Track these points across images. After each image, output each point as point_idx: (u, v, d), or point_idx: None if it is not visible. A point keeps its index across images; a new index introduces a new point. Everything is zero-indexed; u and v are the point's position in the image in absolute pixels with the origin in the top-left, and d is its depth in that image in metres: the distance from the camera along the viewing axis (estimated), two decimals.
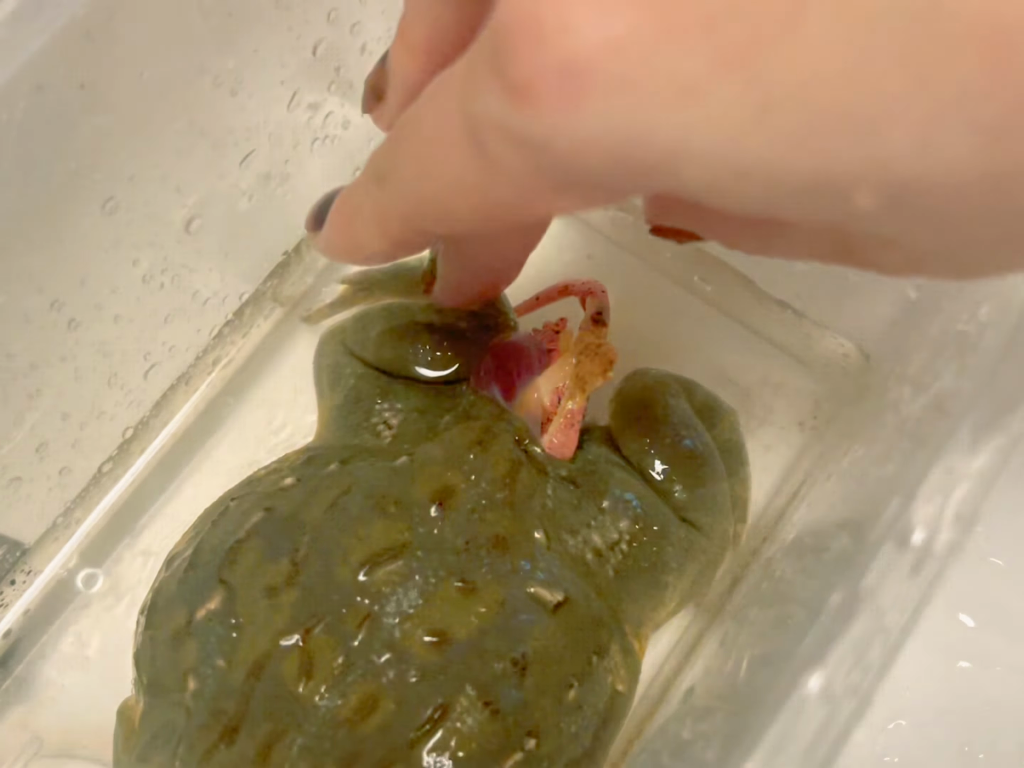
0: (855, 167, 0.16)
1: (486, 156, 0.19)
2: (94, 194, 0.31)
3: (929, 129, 0.15)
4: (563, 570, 0.34)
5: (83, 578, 0.41)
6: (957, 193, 0.16)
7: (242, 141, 0.35)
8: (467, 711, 0.30)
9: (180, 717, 0.31)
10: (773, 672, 0.23)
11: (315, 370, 0.40)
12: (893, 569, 0.22)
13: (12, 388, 0.32)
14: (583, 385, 0.35)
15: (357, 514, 0.33)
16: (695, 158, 0.16)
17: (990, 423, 0.23)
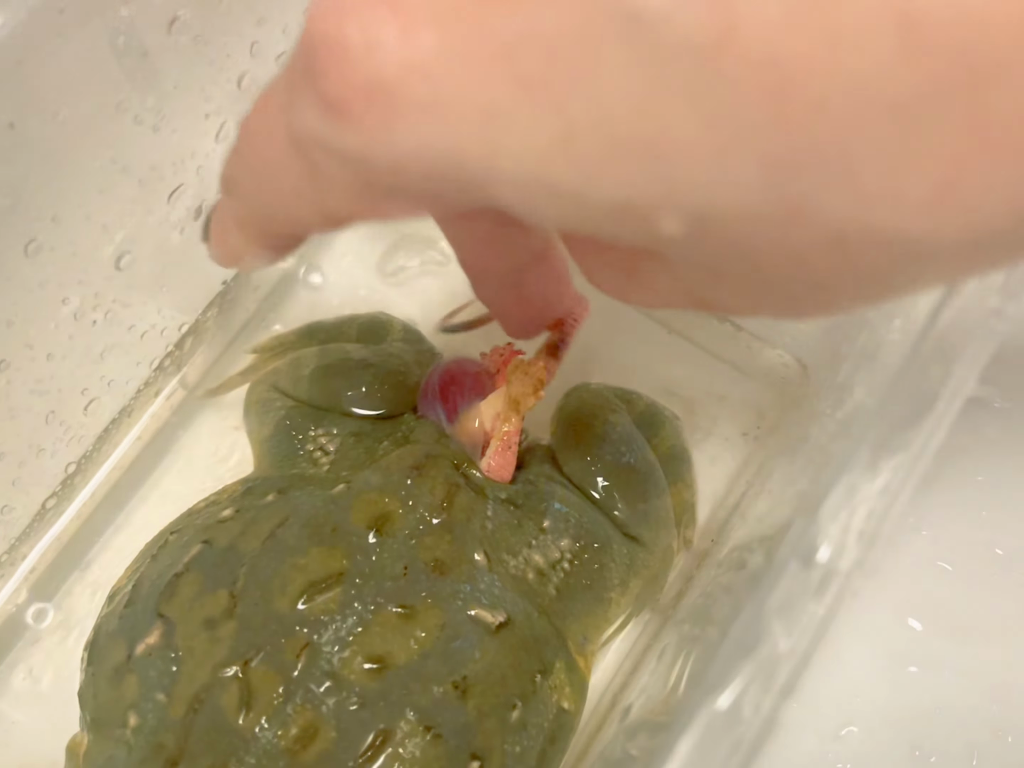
0: (653, 195, 0.16)
1: (313, 168, 0.19)
2: (16, 236, 0.31)
3: (719, 163, 0.15)
4: (504, 591, 0.34)
5: (33, 613, 0.41)
6: (754, 223, 0.16)
7: (169, 176, 0.35)
8: (408, 736, 0.31)
9: (122, 753, 0.31)
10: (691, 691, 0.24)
11: (244, 411, 0.41)
12: (798, 587, 0.22)
13: None
14: (516, 406, 0.35)
15: (294, 544, 0.33)
16: (506, 178, 0.17)
17: (889, 442, 0.23)
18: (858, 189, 0.15)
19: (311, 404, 0.39)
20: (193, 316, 0.42)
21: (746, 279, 0.19)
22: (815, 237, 0.16)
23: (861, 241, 0.16)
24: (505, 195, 0.17)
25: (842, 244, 0.16)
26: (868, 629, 0.40)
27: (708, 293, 0.21)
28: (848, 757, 0.39)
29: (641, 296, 0.23)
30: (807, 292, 0.19)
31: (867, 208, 0.16)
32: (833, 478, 0.23)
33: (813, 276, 0.18)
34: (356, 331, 0.42)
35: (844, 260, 0.17)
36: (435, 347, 0.41)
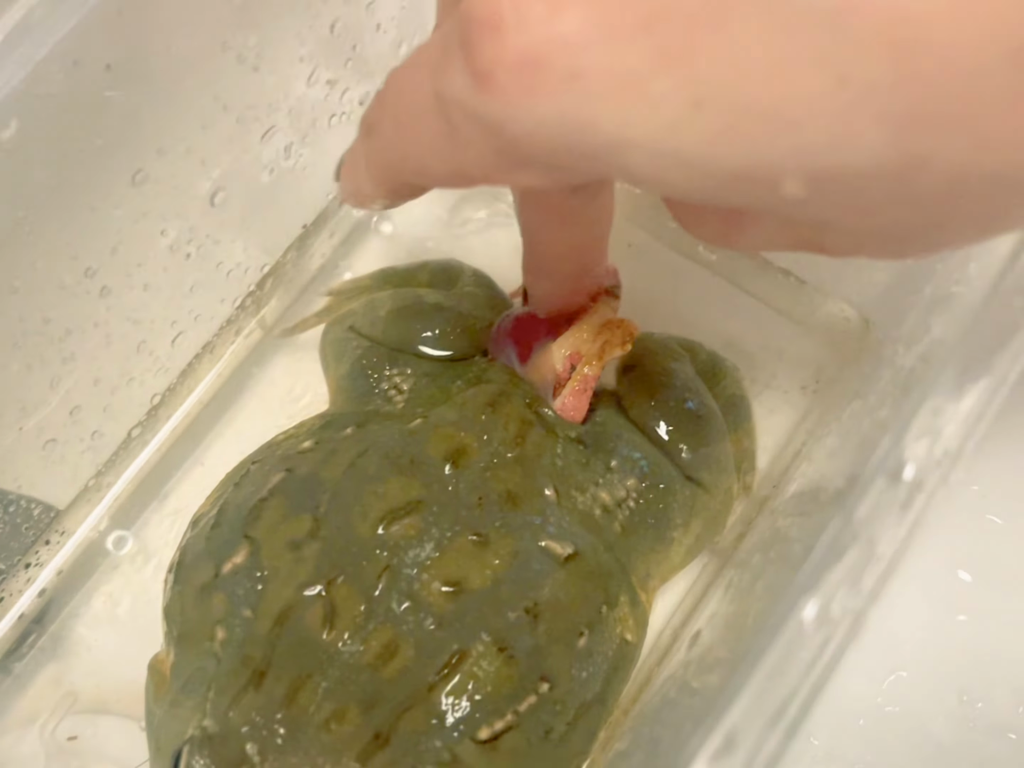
0: (779, 158, 0.17)
1: (453, 130, 0.21)
2: (124, 166, 0.32)
3: (844, 122, 0.16)
4: (573, 525, 0.36)
5: (113, 540, 0.42)
6: (875, 179, 0.17)
7: (263, 116, 0.37)
8: (483, 657, 0.32)
9: (210, 664, 0.33)
10: (771, 603, 0.25)
11: (320, 349, 0.42)
12: (884, 503, 0.24)
13: (48, 352, 0.34)
14: (601, 353, 0.36)
15: (374, 473, 0.35)
16: (637, 147, 0.18)
17: (974, 366, 0.24)
18: (980, 135, 0.16)
19: (386, 345, 0.40)
20: (274, 258, 0.43)
21: (859, 226, 0.20)
22: (934, 185, 0.17)
23: (981, 184, 0.17)
24: (634, 164, 0.18)
25: (961, 189, 0.17)
26: (918, 580, 0.41)
27: (813, 236, 0.22)
28: (896, 701, 0.40)
29: (744, 242, 0.24)
30: (916, 234, 0.20)
31: (988, 152, 0.16)
32: (919, 403, 0.24)
33: (927, 220, 0.19)
34: (428, 276, 0.43)
35: (961, 203, 0.18)
36: (505, 293, 0.42)
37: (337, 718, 0.30)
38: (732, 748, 0.22)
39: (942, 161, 0.17)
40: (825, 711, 0.39)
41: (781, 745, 0.22)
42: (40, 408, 0.35)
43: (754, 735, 0.22)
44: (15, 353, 0.33)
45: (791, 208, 0.19)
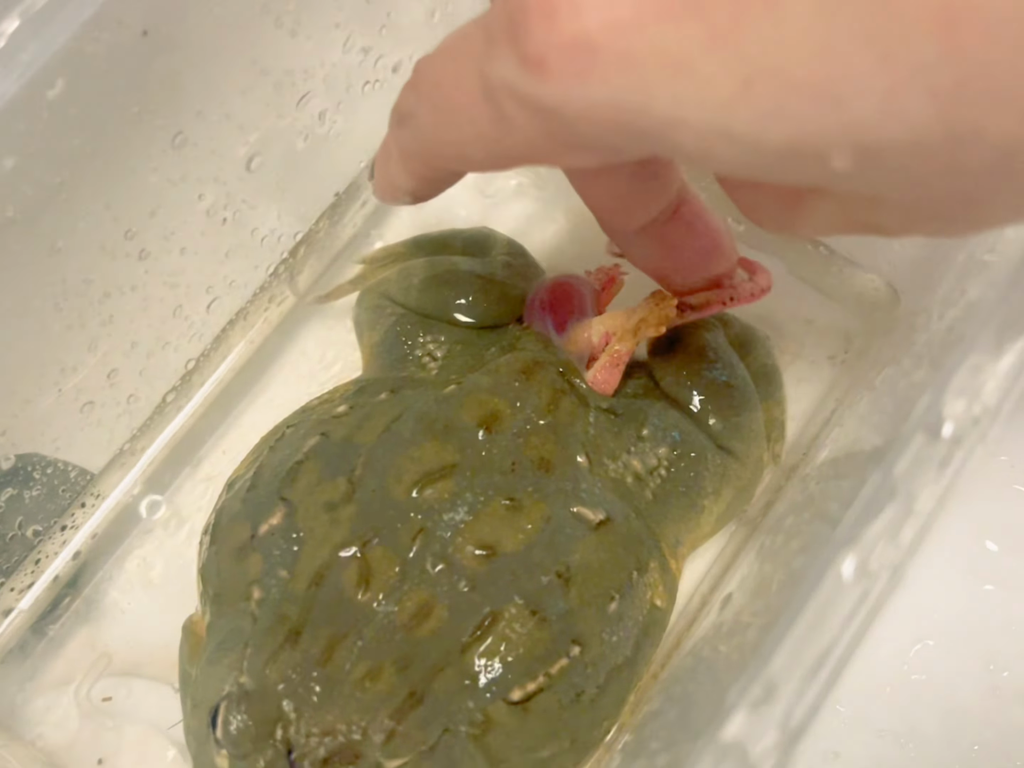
0: (829, 133, 0.18)
1: (502, 115, 0.21)
2: (164, 129, 0.32)
3: (892, 98, 0.17)
4: (604, 492, 0.36)
5: (147, 505, 0.43)
6: (923, 154, 0.18)
7: (300, 82, 0.37)
8: (515, 619, 0.32)
9: (246, 623, 0.33)
10: (808, 560, 0.25)
11: (354, 316, 0.43)
12: (923, 458, 0.24)
13: (88, 314, 0.35)
14: (636, 331, 0.36)
15: (409, 437, 0.35)
16: (688, 126, 0.18)
17: (1013, 325, 0.24)
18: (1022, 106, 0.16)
19: (420, 312, 0.40)
20: (307, 225, 0.43)
21: (907, 203, 0.20)
22: (982, 158, 0.17)
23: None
24: (686, 143, 0.19)
25: (1009, 163, 0.17)
26: (946, 549, 0.42)
27: (867, 216, 0.22)
28: (922, 669, 0.40)
29: (802, 226, 0.24)
30: (966, 210, 0.20)
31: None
32: (958, 361, 0.24)
33: (976, 194, 0.19)
34: (461, 244, 0.43)
35: (1009, 176, 0.18)
36: (538, 262, 0.42)
37: (372, 677, 0.31)
38: (772, 698, 0.22)
39: (990, 135, 0.17)
40: (852, 679, 0.40)
41: (820, 696, 0.22)
42: (79, 370, 0.36)
43: (794, 685, 0.22)
44: (56, 315, 0.33)
45: (841, 182, 0.19)
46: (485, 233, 0.44)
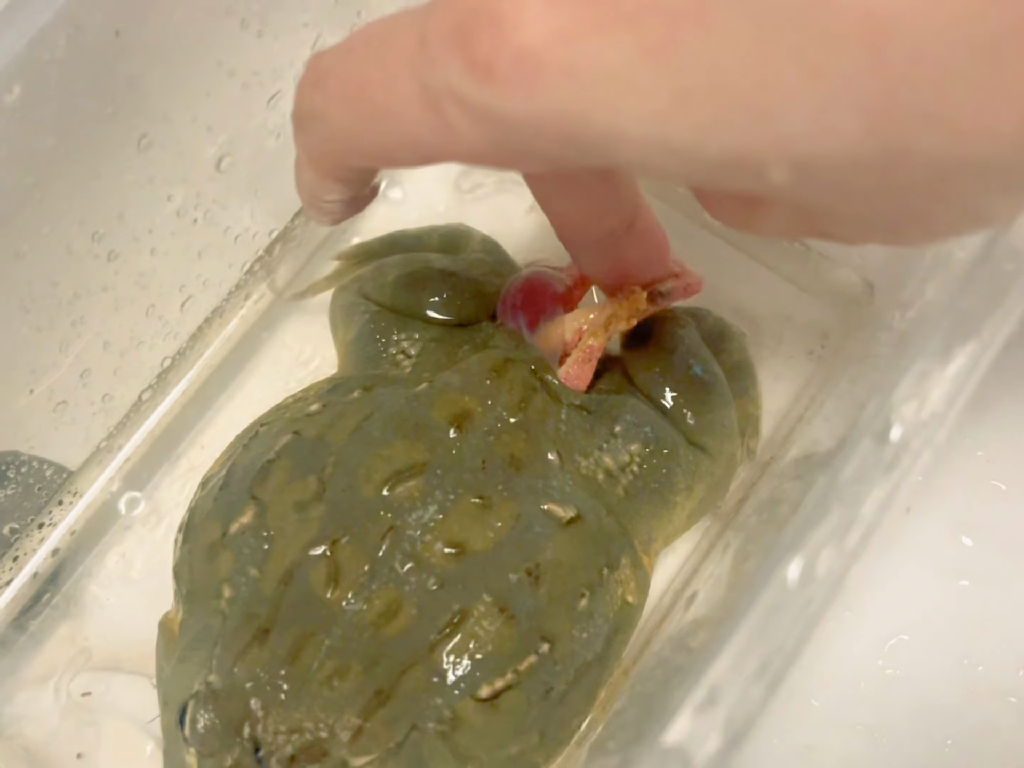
0: (764, 147, 0.18)
1: (445, 122, 0.21)
2: (130, 131, 0.33)
3: (823, 114, 0.17)
4: (575, 489, 0.36)
5: (125, 501, 0.43)
6: (858, 170, 0.18)
7: (268, 82, 0.37)
8: (484, 617, 0.33)
9: (216, 622, 0.33)
10: (759, 562, 0.25)
11: (330, 313, 0.43)
12: (870, 464, 0.24)
13: (57, 316, 0.35)
14: (607, 326, 0.36)
15: (379, 436, 0.35)
16: (627, 138, 0.19)
17: (962, 329, 0.24)
18: (955, 128, 0.17)
19: (394, 309, 0.40)
20: (282, 223, 0.44)
21: (856, 214, 0.21)
22: (916, 176, 0.18)
23: (960, 175, 0.18)
24: (626, 153, 0.19)
25: (942, 180, 0.18)
26: (921, 544, 0.42)
27: (820, 224, 0.22)
28: (897, 664, 0.40)
29: (762, 226, 0.24)
30: (913, 223, 0.20)
31: (964, 144, 0.17)
32: (907, 365, 0.24)
33: (916, 210, 0.19)
34: (437, 241, 0.43)
35: (945, 194, 0.18)
36: (513, 259, 0.43)
37: (339, 675, 0.31)
38: (715, 701, 0.22)
39: (920, 153, 0.17)
40: (826, 674, 0.40)
41: (763, 699, 0.22)
42: (50, 371, 0.36)
43: (737, 690, 0.22)
44: (24, 317, 0.34)
45: (782, 193, 0.20)
46: (461, 230, 0.44)
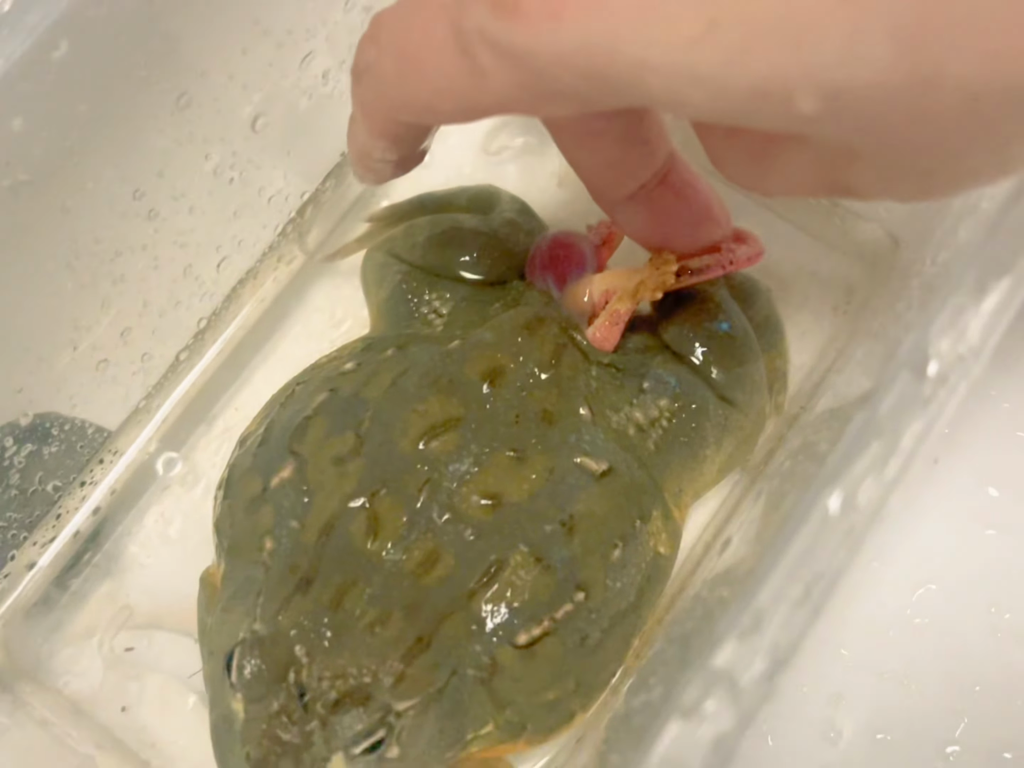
0: (792, 74, 0.18)
1: (476, 66, 0.22)
2: (169, 89, 0.33)
3: (853, 40, 0.17)
4: (607, 443, 0.37)
5: (163, 462, 0.44)
6: (887, 98, 0.18)
7: (302, 41, 0.38)
8: (520, 566, 0.33)
9: (259, 573, 0.34)
10: (799, 497, 0.26)
11: (361, 274, 0.43)
12: (909, 397, 0.24)
13: (99, 273, 0.36)
14: (635, 293, 0.37)
15: (414, 392, 0.36)
16: (655, 69, 0.19)
17: (996, 267, 0.25)
18: (986, 48, 0.17)
19: (425, 269, 0.41)
20: (313, 185, 0.44)
21: (881, 155, 0.21)
22: (948, 102, 0.18)
23: (992, 98, 0.18)
24: (653, 86, 0.19)
25: (975, 105, 0.18)
26: (948, 495, 0.42)
27: (842, 175, 0.22)
28: (925, 613, 0.41)
29: (773, 182, 0.24)
30: (941, 165, 0.20)
31: (995, 66, 0.17)
32: (942, 301, 0.25)
33: (947, 144, 0.19)
34: (466, 201, 0.44)
35: (977, 123, 0.18)
36: (541, 218, 0.43)
37: (381, 622, 0.32)
38: (759, 627, 0.23)
39: (952, 77, 0.17)
40: (855, 623, 0.41)
41: (807, 625, 0.23)
42: (93, 329, 0.37)
43: (780, 616, 0.23)
44: (69, 273, 0.34)
45: (809, 127, 0.20)
46: (490, 191, 0.44)
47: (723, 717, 0.22)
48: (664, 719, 0.23)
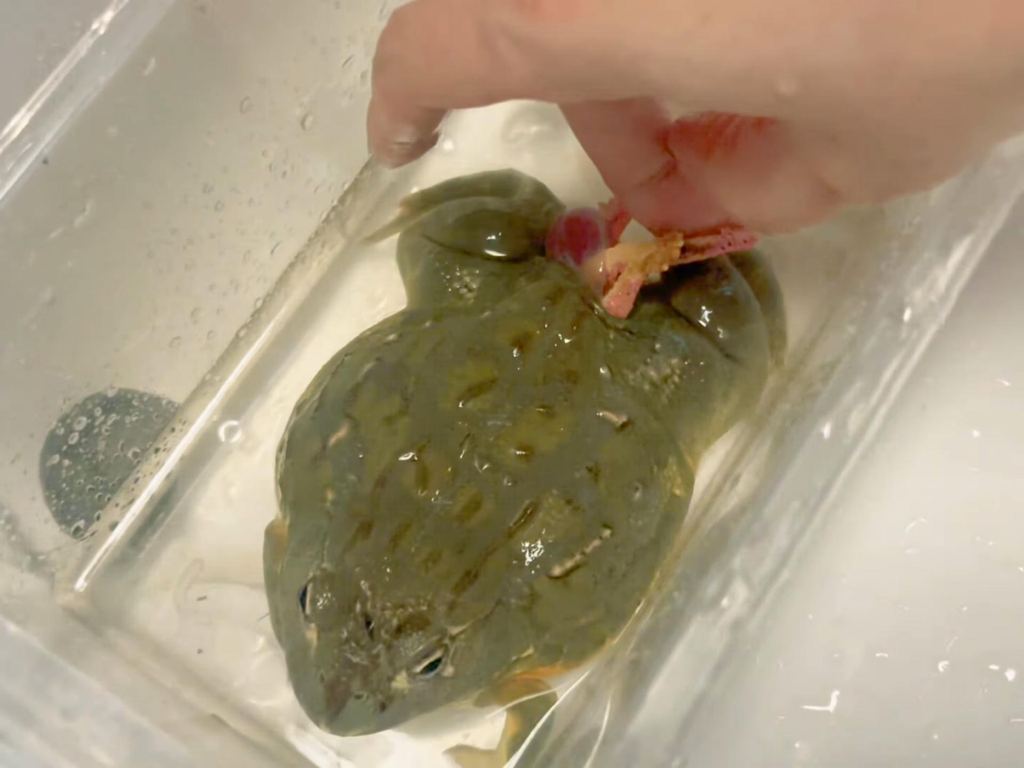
0: (775, 59, 0.22)
1: (497, 57, 0.25)
2: (234, 95, 0.37)
3: (825, 26, 0.21)
4: (625, 398, 0.40)
5: (225, 430, 0.47)
6: (854, 78, 0.21)
7: (343, 47, 0.42)
8: (553, 507, 0.37)
9: (323, 521, 0.38)
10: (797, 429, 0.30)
11: (397, 254, 0.47)
12: (887, 339, 0.29)
13: (175, 259, 0.40)
14: (644, 266, 0.40)
15: (452, 358, 0.40)
16: (656, 57, 0.22)
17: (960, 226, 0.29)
18: (933, 37, 0.20)
19: (455, 248, 0.44)
20: (352, 175, 0.48)
21: (856, 143, 0.24)
22: (905, 86, 0.21)
23: (939, 84, 0.21)
24: (654, 72, 0.23)
25: (926, 90, 0.21)
26: (934, 438, 0.46)
27: (828, 174, 0.25)
28: (916, 543, 0.44)
29: (771, 204, 0.27)
30: (906, 152, 0.23)
31: (941, 53, 0.20)
32: (914, 257, 0.29)
33: (907, 129, 0.22)
34: (490, 185, 0.47)
35: (930, 108, 0.22)
36: (558, 199, 0.47)
37: (433, 559, 0.35)
38: (767, 533, 0.27)
39: (907, 61, 0.21)
40: (853, 555, 0.44)
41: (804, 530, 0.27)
42: (168, 310, 0.41)
43: (784, 524, 0.27)
44: (149, 261, 0.39)
45: (789, 109, 0.23)
46: (510, 175, 0.48)
47: (739, 607, 0.27)
48: (688, 616, 0.27)
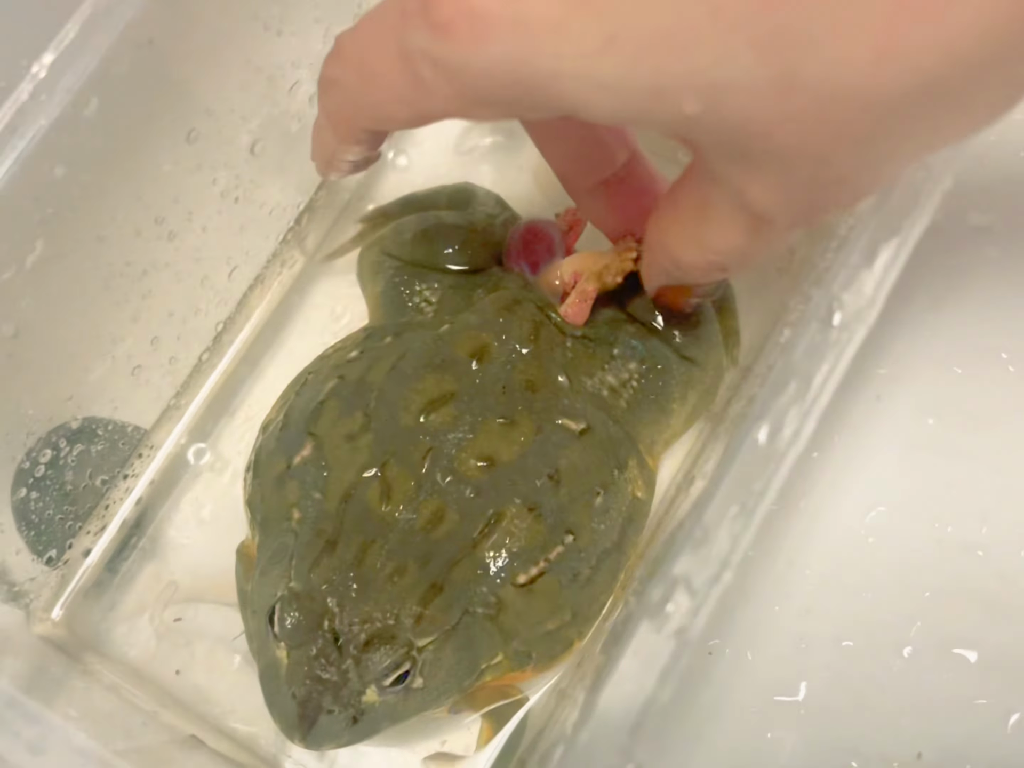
0: (678, 78, 0.22)
1: (418, 78, 0.26)
2: (180, 127, 0.38)
3: (722, 46, 0.21)
4: (584, 405, 0.41)
5: (193, 452, 0.48)
6: (755, 96, 0.22)
7: (289, 73, 0.42)
8: (516, 516, 0.38)
9: (290, 540, 0.38)
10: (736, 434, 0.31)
11: (357, 271, 0.47)
12: (818, 343, 0.30)
13: (131, 290, 0.40)
14: (600, 275, 0.41)
15: (412, 373, 0.40)
16: (565, 77, 0.23)
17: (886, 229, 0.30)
18: (825, 56, 0.21)
19: (414, 263, 0.45)
20: (307, 196, 0.49)
21: (771, 166, 0.24)
22: (805, 105, 0.22)
23: (836, 102, 0.22)
24: (565, 91, 0.23)
25: (825, 107, 0.22)
26: (890, 426, 0.47)
27: (751, 199, 0.26)
28: (877, 532, 0.45)
29: (716, 239, 0.28)
30: (821, 172, 0.24)
31: (833, 71, 0.21)
32: (843, 260, 0.30)
33: (813, 147, 0.23)
34: (446, 199, 0.48)
35: (832, 125, 0.22)
36: (514, 210, 0.48)
37: (399, 573, 0.36)
38: (708, 539, 0.28)
39: (802, 80, 0.21)
40: (817, 546, 0.45)
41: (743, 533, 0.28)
42: (127, 339, 0.42)
43: (724, 529, 0.28)
44: (106, 293, 0.39)
45: (697, 128, 0.24)
46: (466, 188, 0.49)
47: (682, 615, 0.28)
48: (636, 622, 0.28)
